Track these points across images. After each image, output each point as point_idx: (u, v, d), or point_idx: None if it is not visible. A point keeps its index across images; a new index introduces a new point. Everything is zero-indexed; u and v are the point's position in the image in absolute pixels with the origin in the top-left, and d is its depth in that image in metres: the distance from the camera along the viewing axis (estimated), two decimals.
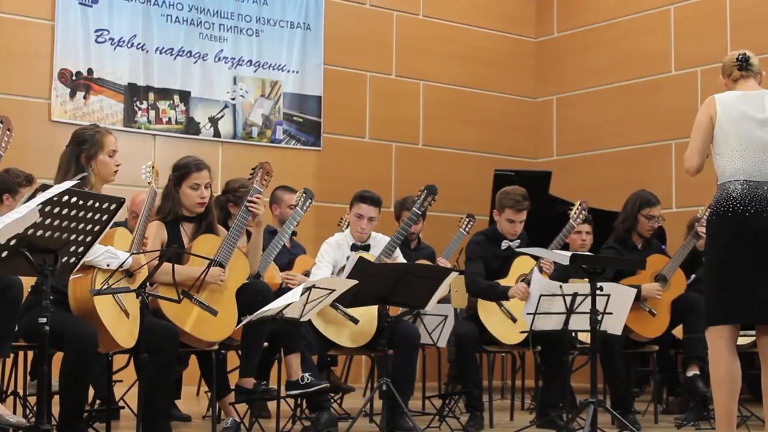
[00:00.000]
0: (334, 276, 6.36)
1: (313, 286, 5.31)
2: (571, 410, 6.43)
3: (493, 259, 6.82)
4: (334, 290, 5.42)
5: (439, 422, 6.46)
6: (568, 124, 11.98)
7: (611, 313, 5.83)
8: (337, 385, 7.51)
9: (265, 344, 5.87)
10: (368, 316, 6.28)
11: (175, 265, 4.94)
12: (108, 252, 4.85)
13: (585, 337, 6.70)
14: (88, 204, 4.07)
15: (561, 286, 5.93)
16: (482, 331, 6.66)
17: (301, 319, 5.51)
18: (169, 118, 10.00)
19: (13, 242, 3.91)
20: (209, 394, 6.13)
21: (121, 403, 6.39)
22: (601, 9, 11.75)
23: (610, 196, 9.76)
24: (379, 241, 6.56)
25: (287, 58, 10.64)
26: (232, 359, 6.29)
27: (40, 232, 3.95)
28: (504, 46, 12.13)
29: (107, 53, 9.68)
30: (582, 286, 5.85)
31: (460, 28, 11.82)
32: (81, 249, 4.19)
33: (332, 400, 6.83)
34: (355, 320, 6.25)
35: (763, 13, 10.21)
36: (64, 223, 4.02)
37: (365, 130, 11.12)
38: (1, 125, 4.98)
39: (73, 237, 4.10)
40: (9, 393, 6.20)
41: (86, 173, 4.98)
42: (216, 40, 10.30)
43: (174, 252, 4.78)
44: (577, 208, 7.05)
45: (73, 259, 4.21)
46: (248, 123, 10.42)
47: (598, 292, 5.65)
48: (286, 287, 6.48)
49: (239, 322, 5.58)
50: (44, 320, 4.06)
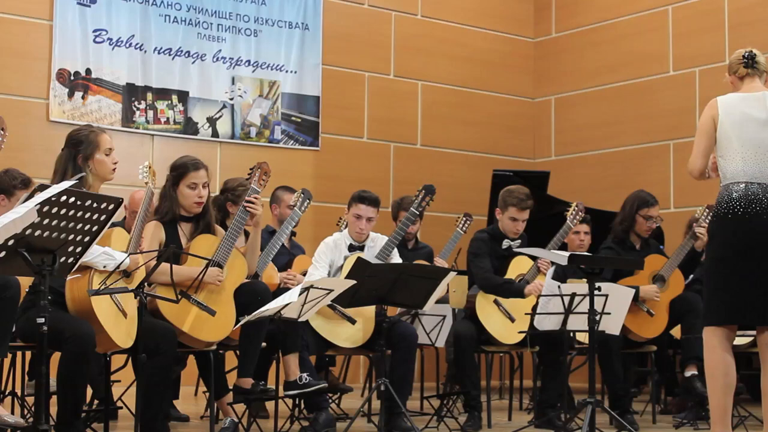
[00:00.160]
0: (331, 276, 6.36)
1: (312, 286, 5.31)
2: (569, 410, 6.43)
3: (494, 257, 6.82)
4: (332, 290, 5.42)
5: (437, 422, 6.45)
6: (566, 124, 11.98)
7: (609, 314, 5.83)
8: (335, 386, 7.51)
9: (264, 344, 5.87)
10: (366, 316, 6.28)
11: (173, 266, 4.93)
12: (105, 254, 4.85)
13: (583, 338, 6.70)
14: (86, 204, 4.06)
15: (559, 286, 5.94)
16: (480, 331, 6.66)
17: (300, 320, 5.51)
18: (168, 118, 10.00)
19: (11, 242, 3.90)
20: (207, 394, 6.13)
21: (119, 404, 6.40)
22: (599, 9, 11.75)
23: (609, 197, 9.77)
24: (377, 241, 6.56)
25: (285, 58, 10.64)
26: (231, 359, 6.29)
27: (38, 232, 3.94)
28: (502, 46, 12.13)
29: (105, 53, 9.67)
30: (580, 286, 5.85)
31: (458, 28, 11.82)
32: (79, 249, 4.19)
33: (330, 401, 6.82)
34: (353, 320, 6.25)
35: (762, 13, 10.21)
36: (62, 224, 4.02)
37: (363, 130, 11.12)
38: None
39: (71, 237, 4.10)
40: (7, 393, 6.20)
41: (84, 173, 4.97)
42: (214, 40, 10.29)
43: (172, 252, 4.78)
44: (574, 209, 7.06)
45: (71, 260, 4.21)
46: (246, 123, 10.41)
47: (596, 292, 5.66)
48: (284, 287, 6.48)
49: (237, 322, 5.58)
50: (42, 320, 4.06)
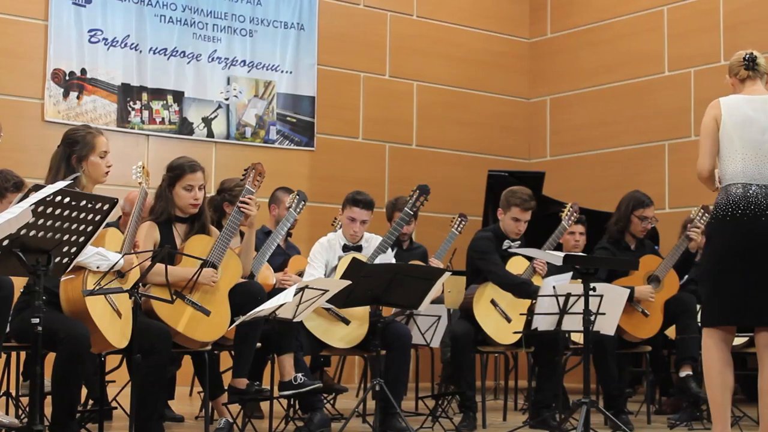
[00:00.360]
0: (325, 276, 6.36)
1: (307, 287, 5.31)
2: (564, 411, 6.43)
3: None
4: (327, 291, 5.42)
5: (432, 423, 6.45)
6: (561, 124, 11.99)
7: (604, 314, 5.84)
8: (329, 386, 7.50)
9: (258, 345, 5.87)
10: (360, 316, 6.28)
11: (168, 266, 4.93)
12: (98, 254, 4.85)
13: (578, 338, 6.70)
14: (81, 204, 4.06)
15: (554, 287, 5.94)
16: (477, 331, 6.66)
17: (294, 320, 5.51)
18: (163, 119, 9.99)
19: (5, 242, 3.89)
20: (202, 394, 6.13)
21: (113, 404, 6.39)
22: (595, 10, 11.75)
23: (604, 197, 9.78)
24: (372, 241, 6.56)
25: (281, 58, 10.64)
26: (226, 360, 6.29)
27: (32, 233, 3.93)
28: (498, 46, 12.13)
29: (101, 53, 9.66)
30: (575, 286, 5.86)
31: (453, 28, 11.82)
32: (74, 249, 4.18)
33: (325, 401, 6.82)
34: (347, 321, 6.24)
35: (757, 14, 10.22)
36: (57, 224, 4.01)
37: (359, 130, 11.12)
38: None
39: (66, 237, 4.09)
40: (1, 393, 6.18)
41: (78, 174, 4.96)
42: (209, 40, 10.29)
43: (166, 252, 4.77)
44: (569, 210, 7.07)
45: (65, 260, 4.20)
46: (242, 123, 10.41)
47: (591, 292, 5.66)
48: (280, 288, 6.47)
49: (232, 322, 5.58)
50: (37, 321, 4.05)
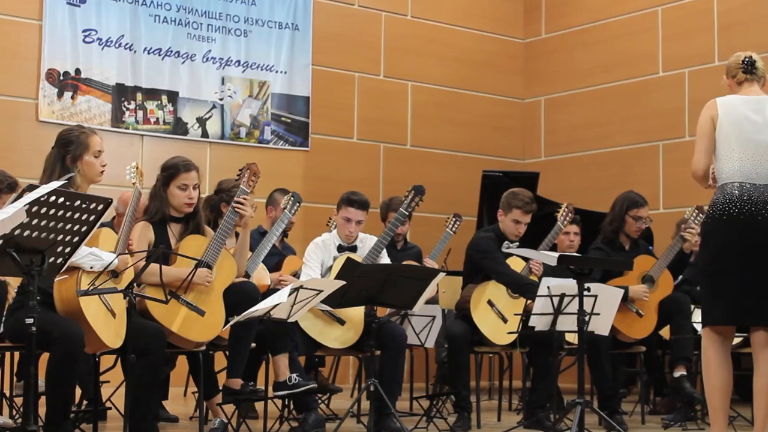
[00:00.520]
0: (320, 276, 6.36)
1: (301, 287, 5.31)
2: (558, 411, 6.44)
3: None
4: (321, 291, 5.42)
5: (426, 423, 6.45)
6: (556, 125, 11.99)
7: (598, 314, 5.84)
8: (324, 386, 7.51)
9: (253, 345, 5.87)
10: (355, 317, 6.28)
11: (162, 266, 4.93)
12: (92, 254, 4.84)
13: (572, 338, 6.71)
14: (75, 204, 4.05)
15: (549, 287, 5.94)
16: (473, 332, 6.66)
17: (289, 320, 5.50)
18: (157, 119, 9.98)
19: None
20: (196, 394, 6.12)
21: (108, 404, 6.38)
22: (589, 10, 11.76)
23: (598, 197, 9.78)
24: (367, 241, 6.56)
25: (275, 58, 10.63)
26: (220, 360, 6.28)
27: (27, 233, 3.93)
28: (492, 46, 12.13)
29: (95, 53, 9.65)
30: (569, 286, 5.85)
31: (448, 28, 11.82)
32: (68, 249, 4.18)
33: (320, 401, 6.82)
34: (342, 321, 6.24)
35: (751, 15, 10.24)
36: (51, 224, 4.01)
37: (353, 130, 11.12)
38: None
39: (60, 237, 4.09)
40: None
41: (73, 174, 4.96)
42: (204, 40, 10.28)
43: (161, 252, 4.77)
44: (564, 210, 7.08)
45: (60, 260, 4.20)
46: (236, 123, 10.40)
47: (586, 292, 5.67)
48: (275, 289, 6.46)
49: (227, 322, 5.58)
50: (31, 321, 4.05)
